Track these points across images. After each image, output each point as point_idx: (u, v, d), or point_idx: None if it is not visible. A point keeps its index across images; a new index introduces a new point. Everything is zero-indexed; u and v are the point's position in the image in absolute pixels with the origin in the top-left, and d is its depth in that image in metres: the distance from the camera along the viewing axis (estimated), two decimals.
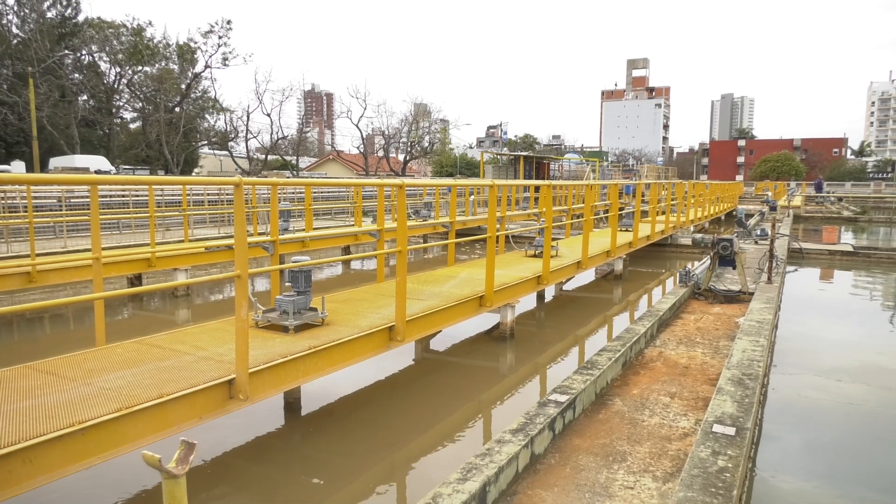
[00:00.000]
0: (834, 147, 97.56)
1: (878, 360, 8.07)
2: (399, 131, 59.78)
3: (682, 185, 20.68)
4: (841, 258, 16.85)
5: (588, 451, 4.16)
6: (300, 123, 64.41)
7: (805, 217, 31.57)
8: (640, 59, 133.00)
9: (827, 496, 4.56)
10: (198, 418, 3.99)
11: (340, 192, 23.96)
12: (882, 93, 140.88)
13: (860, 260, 16.78)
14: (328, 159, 68.79)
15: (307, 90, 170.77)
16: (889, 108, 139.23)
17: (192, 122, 43.44)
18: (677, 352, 6.47)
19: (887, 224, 30.75)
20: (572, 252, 10.59)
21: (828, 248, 17.40)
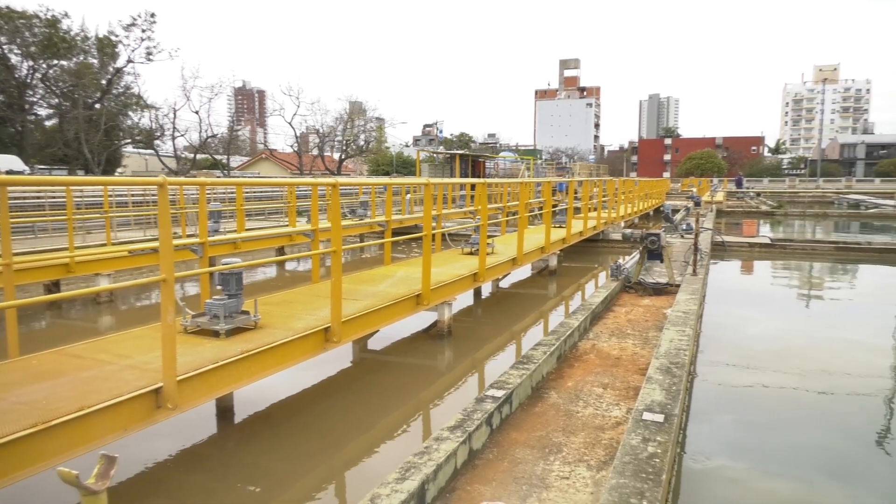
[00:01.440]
0: (752, 145, 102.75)
1: (796, 345, 8.56)
2: (334, 130, 59.01)
3: (612, 182, 21.31)
4: (760, 250, 17.78)
5: (525, 444, 4.22)
6: (231, 121, 62.69)
7: (727, 212, 33.10)
8: (571, 60, 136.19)
9: (753, 476, 4.80)
10: (123, 430, 3.82)
11: (274, 191, 23.43)
12: (795, 94, 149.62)
13: (777, 251, 17.75)
14: (261, 158, 67.21)
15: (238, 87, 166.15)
16: (801, 109, 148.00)
17: (115, 120, 41.40)
18: (609, 344, 6.66)
19: (801, 217, 32.64)
20: (508, 249, 10.73)
21: (748, 241, 18.32)
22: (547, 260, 12.67)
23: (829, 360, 7.77)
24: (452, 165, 34.21)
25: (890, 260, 16.50)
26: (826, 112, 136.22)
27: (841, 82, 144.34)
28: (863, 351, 8.30)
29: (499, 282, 11.70)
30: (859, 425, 5.82)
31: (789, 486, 4.65)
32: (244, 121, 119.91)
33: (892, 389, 6.86)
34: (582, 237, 14.92)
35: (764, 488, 4.61)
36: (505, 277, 11.80)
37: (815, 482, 4.69)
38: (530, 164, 42.30)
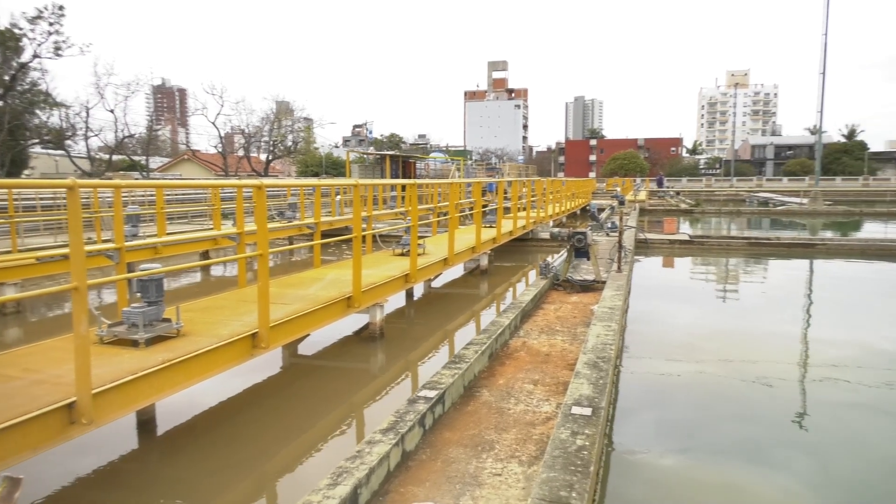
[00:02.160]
0: (671, 146, 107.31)
1: (716, 336, 8.99)
2: (260, 130, 57.55)
3: (541, 182, 21.77)
4: (680, 246, 18.59)
5: (458, 443, 4.25)
6: (150, 121, 60.01)
7: (649, 210, 34.43)
8: (500, 62, 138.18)
9: (678, 463, 5.00)
10: (32, 449, 3.58)
11: (197, 194, 22.62)
12: (710, 98, 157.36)
13: (695, 247, 18.61)
14: (183, 159, 64.64)
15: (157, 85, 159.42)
16: (716, 112, 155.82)
17: (20, 118, 38.86)
18: (539, 341, 6.80)
19: (717, 214, 34.35)
20: (439, 249, 10.77)
21: (668, 238, 19.11)
22: (478, 259, 12.80)
23: (746, 350, 8.20)
24: (383, 166, 34.03)
25: (797, 253, 17.61)
26: (738, 115, 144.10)
27: (751, 87, 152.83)
28: (776, 340, 8.82)
29: (431, 282, 11.73)
30: (775, 411, 6.17)
31: (712, 472, 4.88)
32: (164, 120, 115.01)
33: (803, 376, 7.32)
34: (512, 237, 15.16)
35: (689, 475, 4.82)
36: (437, 278, 11.84)
37: (736, 467, 4.93)
38: (460, 165, 42.64)
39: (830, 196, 44.15)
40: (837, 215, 33.21)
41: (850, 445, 5.37)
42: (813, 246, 18.27)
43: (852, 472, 4.88)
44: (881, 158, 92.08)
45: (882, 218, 32.69)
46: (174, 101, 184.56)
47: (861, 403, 6.29)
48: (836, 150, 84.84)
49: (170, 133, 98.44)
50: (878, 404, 6.26)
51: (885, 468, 4.94)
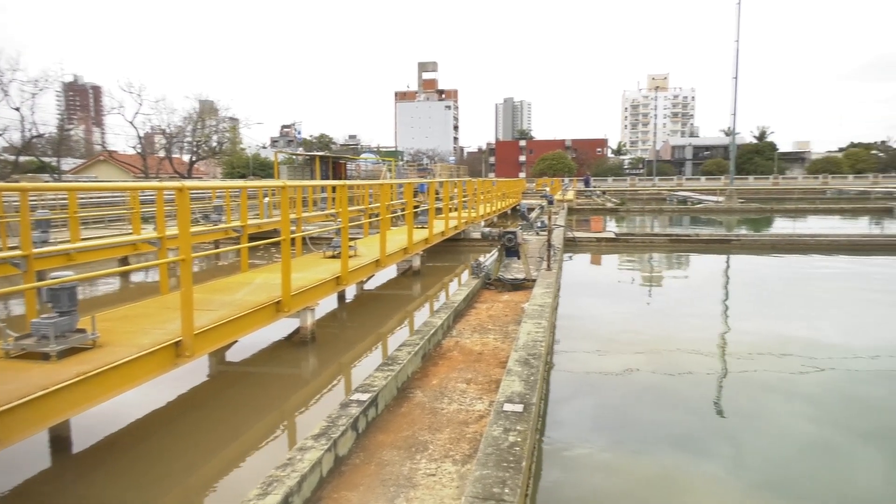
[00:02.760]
0: (597, 147, 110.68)
1: (642, 330, 9.31)
2: (183, 130, 55.37)
3: (472, 182, 21.97)
4: (606, 244, 19.19)
5: (392, 445, 4.22)
6: (61, 120, 56.72)
7: (577, 209, 35.36)
8: (429, 63, 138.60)
9: (610, 455, 5.14)
10: None
11: (115, 196, 21.56)
12: (633, 100, 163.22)
13: (621, 245, 19.26)
14: (99, 160, 61.39)
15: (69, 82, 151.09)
16: (638, 114, 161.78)
17: None
18: (472, 340, 6.85)
19: (641, 213, 35.68)
20: (371, 251, 10.68)
21: (595, 236, 19.70)
22: (410, 260, 12.79)
23: (671, 342, 8.54)
24: (313, 167, 33.47)
25: (714, 249, 18.52)
26: (659, 117, 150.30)
27: (671, 90, 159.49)
28: (698, 331, 9.24)
29: (363, 284, 11.62)
30: (699, 400, 6.45)
31: (642, 462, 5.04)
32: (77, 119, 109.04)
33: (723, 365, 7.69)
34: (444, 237, 15.22)
35: (619, 466, 4.97)
36: (369, 279, 11.75)
37: (664, 456, 5.12)
38: (392, 166, 42.49)
39: (744, 194, 46.68)
40: (750, 212, 35.15)
41: (768, 429, 5.68)
42: (729, 242, 19.26)
43: (770, 454, 5.16)
44: (789, 158, 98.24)
45: (790, 214, 34.83)
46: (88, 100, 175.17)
47: (777, 388, 6.67)
48: (749, 150, 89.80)
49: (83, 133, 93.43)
50: (792, 389, 6.65)
51: (800, 449, 5.25)
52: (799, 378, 6.94)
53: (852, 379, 6.91)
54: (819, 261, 16.40)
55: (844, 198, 47.70)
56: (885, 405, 6.26)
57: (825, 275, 14.66)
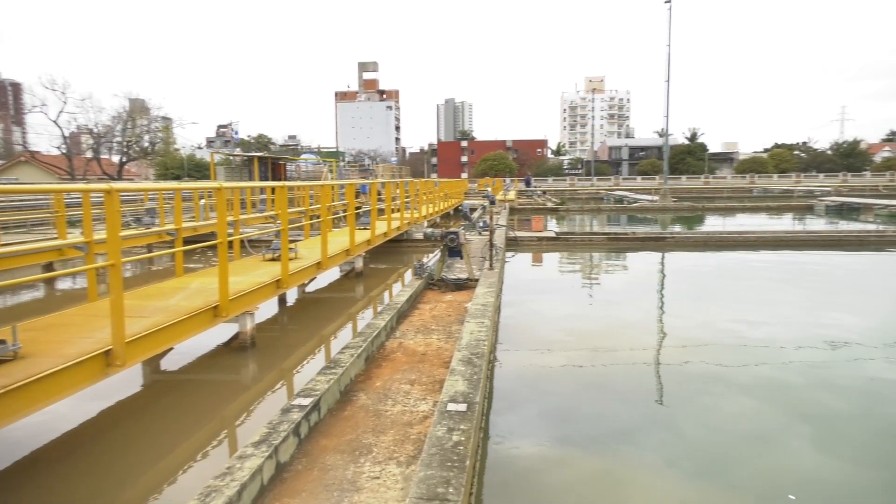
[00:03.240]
0: (537, 147, 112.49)
1: (584, 326, 9.52)
2: (112, 129, 53.11)
3: (414, 183, 21.95)
4: (547, 243, 19.53)
5: (335, 449, 4.16)
6: None
7: (518, 209, 35.86)
8: (370, 63, 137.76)
9: (552, 450, 5.22)
10: None
11: (38, 199, 20.47)
12: (571, 102, 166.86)
13: (561, 244, 19.64)
14: (19, 161, 58.16)
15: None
16: (577, 115, 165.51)
17: None
18: (415, 340, 6.84)
19: (580, 212, 36.49)
20: (312, 253, 10.52)
21: (537, 236, 20.01)
22: (353, 262, 12.67)
23: (611, 337, 8.77)
24: (251, 168, 32.69)
25: (650, 246, 19.13)
26: (596, 118, 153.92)
27: (607, 92, 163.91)
28: (637, 326, 9.52)
29: (305, 287, 11.44)
30: (639, 393, 6.64)
31: (584, 457, 5.15)
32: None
33: (662, 358, 7.94)
34: (387, 238, 15.15)
35: (563, 461, 5.06)
36: (311, 282, 11.58)
37: (607, 450, 5.24)
38: (333, 167, 41.97)
39: (677, 193, 48.42)
40: (683, 210, 36.49)
41: (705, 420, 5.90)
42: (663, 239, 19.93)
43: (707, 444, 5.36)
44: (718, 159, 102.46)
45: (720, 212, 36.35)
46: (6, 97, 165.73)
47: (712, 380, 6.94)
48: (682, 151, 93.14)
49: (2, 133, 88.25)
50: (727, 380, 6.93)
51: (735, 438, 5.48)
52: (733, 369, 7.25)
53: (782, 369, 7.25)
54: (748, 256, 17.17)
55: (770, 196, 50.17)
56: (810, 393, 6.61)
57: (754, 270, 15.36)
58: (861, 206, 33.50)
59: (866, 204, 33.62)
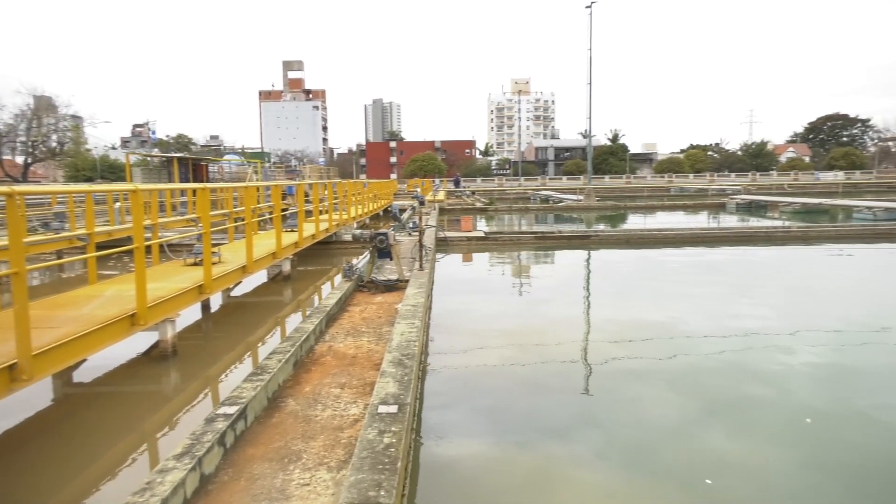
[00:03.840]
0: (466, 148, 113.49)
1: (515, 325, 9.66)
2: (14, 128, 49.79)
3: (342, 184, 21.69)
4: (477, 243, 19.73)
5: (263, 458, 4.05)
6: None
7: (448, 209, 36.06)
8: (295, 62, 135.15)
9: (485, 448, 5.27)
10: None
11: None
12: (498, 103, 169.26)
13: (490, 243, 19.89)
14: None
15: None
16: (504, 116, 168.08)
17: None
18: (346, 343, 6.75)
19: (508, 212, 37.07)
20: (237, 257, 10.21)
21: (466, 236, 20.20)
22: (280, 265, 12.38)
23: (541, 334, 8.93)
24: (170, 170, 31.41)
25: (576, 245, 19.67)
26: (523, 120, 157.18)
27: (533, 94, 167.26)
28: (566, 322, 9.76)
29: (229, 292, 11.09)
30: (569, 389, 6.81)
31: (517, 453, 5.22)
32: None
33: (591, 353, 8.17)
34: (315, 240, 14.90)
35: (498, 458, 5.11)
36: (236, 286, 11.24)
37: (539, 445, 5.34)
38: (258, 168, 40.89)
39: (601, 193, 50.03)
40: (607, 209, 37.73)
41: (632, 412, 6.11)
42: (588, 237, 20.54)
43: (634, 436, 5.55)
44: (639, 159, 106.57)
45: (642, 211, 37.81)
46: None
47: (638, 373, 7.19)
48: (604, 152, 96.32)
49: None
50: (651, 372, 7.20)
51: (660, 429, 5.70)
52: (657, 362, 7.54)
53: (701, 359, 7.60)
54: (668, 252, 17.94)
55: (686, 195, 52.62)
56: (728, 382, 6.96)
57: (674, 265, 16.05)
58: (768, 204, 35.63)
59: (772, 202, 35.79)
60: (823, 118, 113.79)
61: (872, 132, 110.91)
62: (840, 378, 7.00)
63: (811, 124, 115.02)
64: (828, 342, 8.24)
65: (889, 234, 20.57)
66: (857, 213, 28.06)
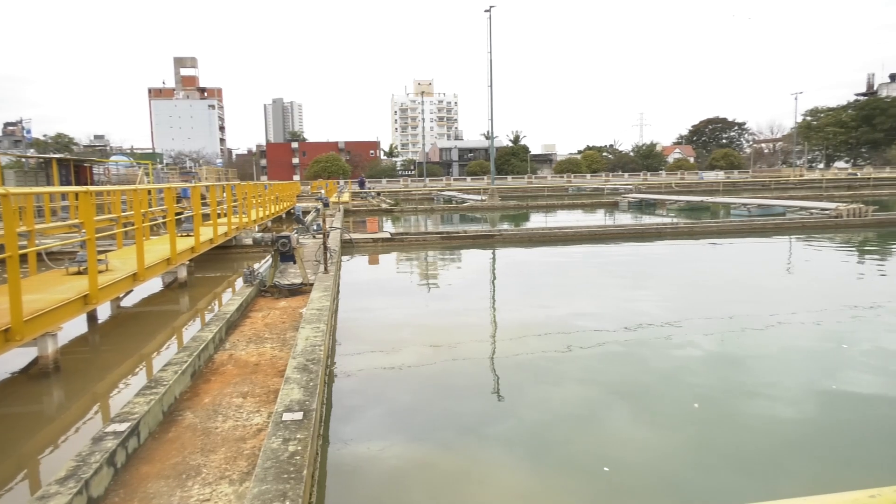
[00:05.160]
0: (370, 149, 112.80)
1: (424, 325, 9.69)
2: None
3: (242, 186, 20.93)
4: (383, 244, 19.66)
5: (159, 475, 3.83)
6: None
7: (353, 211, 35.70)
8: (188, 58, 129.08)
9: (398, 451, 5.24)
10: None
11: None
12: (401, 104, 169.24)
13: (397, 244, 19.88)
14: None
15: None
16: (407, 117, 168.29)
17: None
18: (248, 351, 6.52)
19: (414, 212, 37.19)
20: (126, 264, 9.60)
21: (372, 237, 20.06)
22: (176, 272, 11.77)
23: (450, 334, 9.02)
24: (49, 172, 29.07)
25: (481, 244, 20.02)
26: (427, 121, 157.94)
27: (436, 95, 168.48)
28: (475, 321, 9.91)
29: (120, 301, 10.42)
30: (481, 386, 6.91)
31: (429, 455, 5.22)
32: None
33: (500, 350, 8.33)
34: (213, 245, 14.28)
35: (411, 459, 5.10)
36: (127, 295, 10.58)
37: (451, 446, 5.37)
38: (149, 169, 38.66)
39: (504, 193, 51.22)
40: (510, 209, 38.71)
41: (540, 405, 6.29)
42: (493, 237, 20.97)
43: (543, 427, 5.72)
44: (539, 160, 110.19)
45: (543, 210, 39.07)
46: None
47: (544, 367, 7.42)
48: (507, 153, 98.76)
49: None
50: (557, 364, 7.44)
51: (566, 420, 5.90)
52: (562, 356, 7.81)
53: (604, 352, 7.94)
54: (568, 249, 18.64)
55: (584, 194, 54.94)
56: (627, 371, 7.32)
57: (574, 261, 16.71)
58: (656, 202, 37.85)
59: (660, 200, 38.06)
60: (705, 121, 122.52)
61: (748, 135, 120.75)
62: (725, 364, 7.53)
63: (694, 127, 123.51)
64: (714, 330, 8.85)
65: (762, 229, 22.41)
66: (735, 210, 30.38)
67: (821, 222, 22.94)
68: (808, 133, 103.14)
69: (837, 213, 23.04)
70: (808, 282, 13.27)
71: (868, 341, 8.27)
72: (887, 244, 19.14)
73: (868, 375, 6.97)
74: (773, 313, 9.66)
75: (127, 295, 10.46)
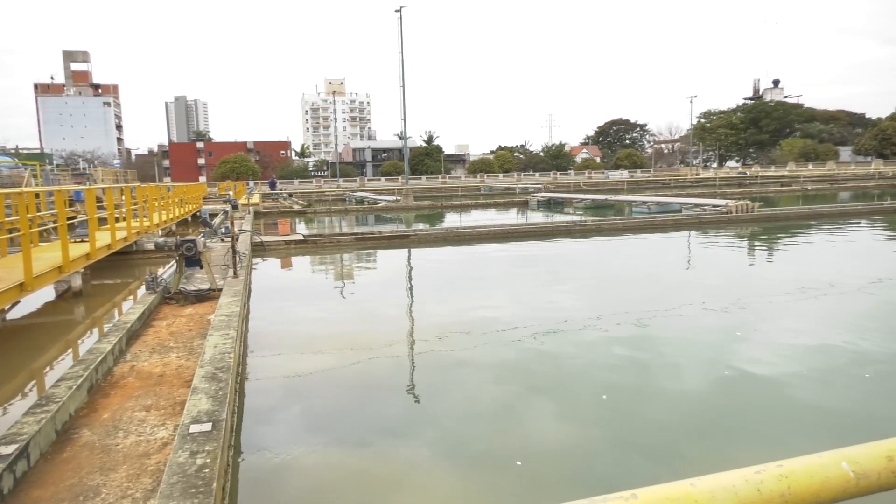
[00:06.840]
0: (281, 149, 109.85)
1: (339, 328, 9.53)
2: None
3: (142, 188, 19.84)
4: (296, 246, 19.22)
5: (52, 499, 3.57)
6: None
7: (264, 213, 34.66)
8: (79, 52, 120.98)
9: (314, 458, 5.12)
10: None
11: None
12: (312, 104, 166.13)
13: (310, 246, 19.50)
14: None
15: None
16: (319, 117, 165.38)
17: None
18: (151, 361, 6.19)
19: (328, 214, 36.60)
20: (12, 273, 8.87)
21: (284, 239, 19.57)
22: (69, 280, 11.01)
23: (366, 336, 8.91)
24: None
25: (396, 244, 19.98)
26: (339, 121, 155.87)
27: (348, 95, 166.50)
28: (392, 322, 9.86)
29: (6, 313, 9.62)
30: (403, 386, 6.88)
31: (347, 459, 5.15)
32: None
33: (419, 350, 8.32)
34: (112, 250, 13.45)
35: (329, 465, 5.01)
36: (13, 307, 9.79)
37: (369, 449, 5.30)
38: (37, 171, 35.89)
39: (418, 193, 51.36)
40: (425, 209, 38.83)
41: (461, 402, 6.35)
42: (408, 237, 20.97)
43: (465, 424, 5.78)
44: (453, 160, 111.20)
45: (457, 209, 39.45)
46: None
47: (465, 364, 7.47)
48: (420, 153, 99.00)
49: None
50: (476, 362, 7.52)
51: (484, 417, 5.98)
52: (479, 353, 7.90)
53: (520, 348, 8.10)
54: (483, 248, 18.93)
55: (496, 193, 55.95)
56: (543, 367, 7.50)
57: (489, 260, 16.98)
58: (564, 201, 39.14)
59: (568, 198, 39.38)
60: (610, 123, 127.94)
61: (649, 136, 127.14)
62: (632, 355, 7.89)
63: (600, 128, 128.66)
64: (624, 322, 9.24)
65: (662, 225, 23.67)
66: (636, 208, 31.88)
67: (714, 218, 24.50)
68: (702, 134, 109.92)
69: (727, 210, 24.66)
70: (703, 275, 14.14)
71: (759, 329, 8.91)
72: (772, 237, 20.70)
73: (759, 359, 7.50)
74: (674, 306, 10.21)
75: (14, 306, 9.67)
